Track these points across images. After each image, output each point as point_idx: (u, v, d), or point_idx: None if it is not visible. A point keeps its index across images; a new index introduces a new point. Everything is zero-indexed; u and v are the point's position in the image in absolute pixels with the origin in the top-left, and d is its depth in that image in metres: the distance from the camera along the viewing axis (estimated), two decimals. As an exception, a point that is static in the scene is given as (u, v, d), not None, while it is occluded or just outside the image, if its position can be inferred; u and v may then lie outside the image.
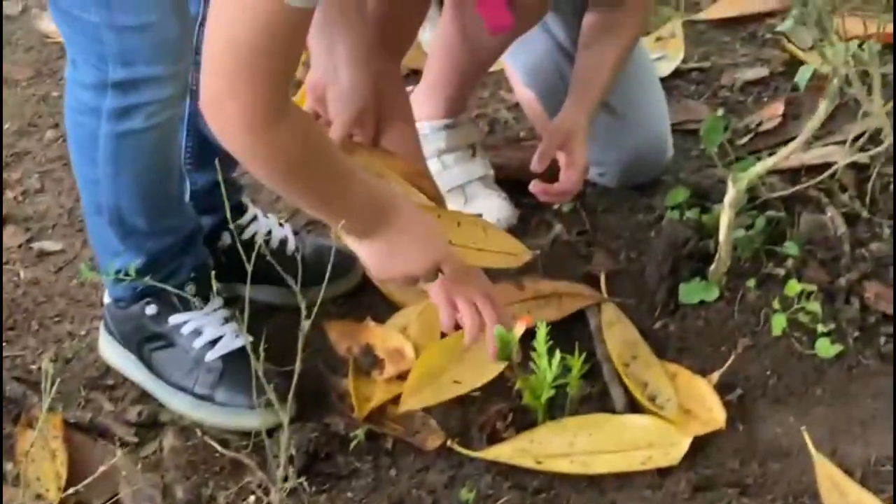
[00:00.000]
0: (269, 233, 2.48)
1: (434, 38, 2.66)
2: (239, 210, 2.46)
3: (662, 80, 2.98)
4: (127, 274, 2.13)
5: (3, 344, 2.44)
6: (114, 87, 2.02)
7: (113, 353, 2.35)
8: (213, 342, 2.26)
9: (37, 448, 2.19)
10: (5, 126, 3.00)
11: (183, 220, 2.24)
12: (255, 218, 2.49)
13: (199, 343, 2.26)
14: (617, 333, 2.35)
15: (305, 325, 1.66)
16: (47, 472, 2.15)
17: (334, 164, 1.95)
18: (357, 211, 2.00)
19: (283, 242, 2.49)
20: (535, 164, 2.41)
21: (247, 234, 2.45)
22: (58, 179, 2.86)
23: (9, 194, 2.81)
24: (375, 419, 2.21)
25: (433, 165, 2.59)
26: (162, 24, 1.99)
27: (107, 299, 2.33)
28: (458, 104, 2.65)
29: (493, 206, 2.60)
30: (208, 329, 2.26)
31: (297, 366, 1.73)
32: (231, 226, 2.32)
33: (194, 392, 2.25)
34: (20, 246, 2.67)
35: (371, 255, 2.07)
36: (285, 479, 1.95)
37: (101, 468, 2.09)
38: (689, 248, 2.42)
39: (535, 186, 2.42)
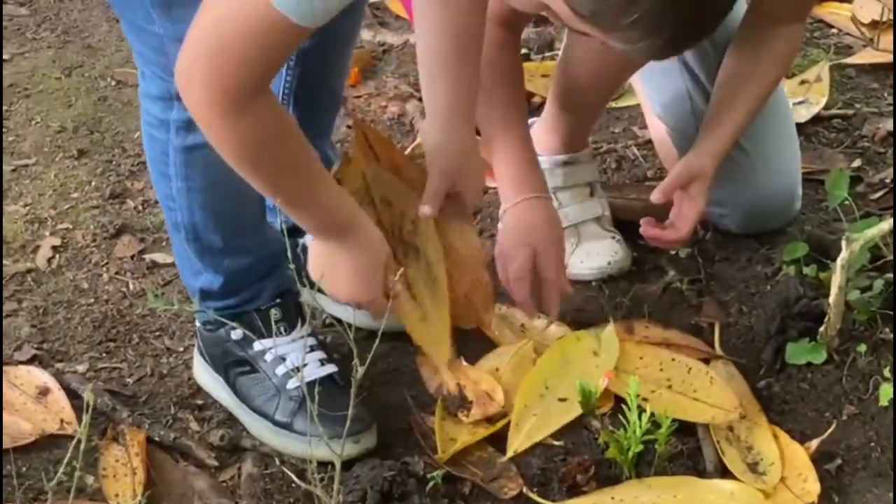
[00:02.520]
0: None
1: (554, 71, 2.61)
2: None
3: (801, 125, 2.89)
4: (207, 295, 2.13)
5: (103, 355, 2.46)
6: (179, 99, 1.99)
7: (204, 374, 2.34)
8: (296, 370, 2.23)
9: (119, 464, 2.20)
10: (135, 135, 3.03)
11: (261, 240, 2.22)
12: None
13: (281, 370, 2.24)
14: (724, 391, 2.26)
15: (360, 370, 1.61)
16: (126, 489, 2.15)
17: (300, 160, 1.97)
18: (317, 214, 2.04)
19: None
20: (655, 195, 2.36)
21: None
22: (179, 192, 2.86)
23: (129, 204, 2.83)
24: (456, 461, 2.16)
25: None
26: None
27: (198, 322, 2.33)
28: (578, 140, 2.60)
29: (606, 248, 2.54)
30: (292, 356, 2.24)
31: (350, 412, 1.68)
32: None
33: (274, 419, 2.23)
34: (132, 257, 2.68)
35: (317, 254, 2.11)
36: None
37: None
38: (801, 306, 2.31)
39: (645, 229, 2.36)
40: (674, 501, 2.08)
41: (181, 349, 2.45)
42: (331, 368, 2.25)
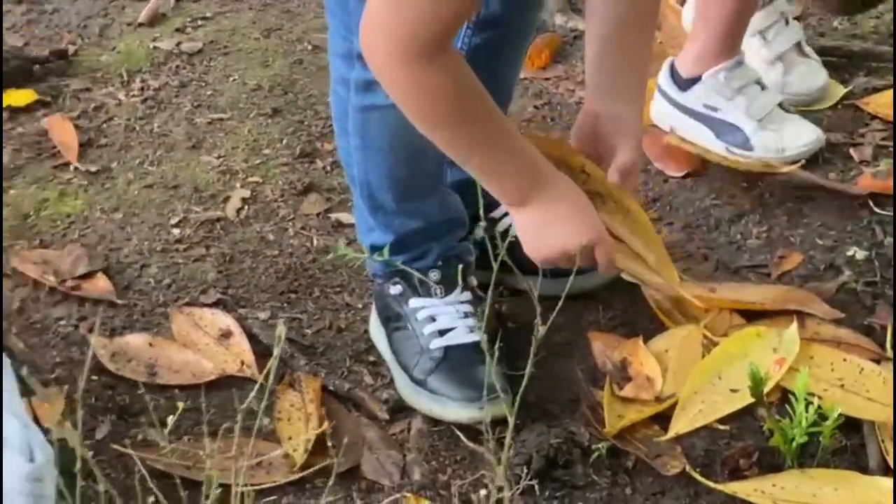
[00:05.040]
0: None
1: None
2: (495, 203, 2.47)
3: None
4: (377, 252, 2.19)
5: (285, 305, 2.53)
6: (359, 57, 2.01)
7: (373, 325, 2.40)
8: (443, 332, 2.27)
9: (294, 409, 2.27)
10: (327, 98, 3.05)
11: (435, 206, 2.25)
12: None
13: (429, 329, 2.28)
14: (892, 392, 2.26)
15: (541, 330, 1.66)
16: (299, 433, 2.22)
17: (487, 116, 1.96)
18: (511, 172, 2.02)
19: None
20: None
21: (501, 227, 2.43)
22: (367, 156, 2.93)
23: (318, 164, 2.90)
24: (621, 436, 2.20)
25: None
26: None
27: (370, 274, 2.40)
28: (736, 44, 2.82)
29: (803, 130, 2.79)
30: (442, 318, 2.28)
31: (528, 371, 1.72)
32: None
33: (412, 375, 2.27)
34: (318, 214, 2.75)
35: (523, 227, 2.07)
36: (510, 481, 1.96)
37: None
38: (978, 313, 2.32)
39: None
40: (834, 494, 2.09)
41: (360, 306, 2.51)
42: (477, 337, 2.24)
